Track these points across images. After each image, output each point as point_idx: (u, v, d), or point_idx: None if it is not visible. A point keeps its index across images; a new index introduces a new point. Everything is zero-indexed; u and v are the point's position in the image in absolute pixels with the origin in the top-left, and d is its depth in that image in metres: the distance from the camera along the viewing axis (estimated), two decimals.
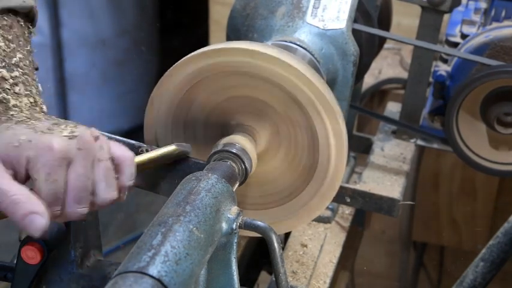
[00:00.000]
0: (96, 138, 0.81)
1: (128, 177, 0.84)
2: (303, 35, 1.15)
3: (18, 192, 0.76)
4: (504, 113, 1.28)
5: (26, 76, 0.89)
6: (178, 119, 1.00)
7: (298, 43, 1.12)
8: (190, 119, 1.01)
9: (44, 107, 0.89)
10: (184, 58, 0.95)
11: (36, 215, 0.75)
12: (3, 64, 0.87)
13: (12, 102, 0.85)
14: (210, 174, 0.83)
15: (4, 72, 0.87)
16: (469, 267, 0.76)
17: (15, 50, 0.90)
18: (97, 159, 0.81)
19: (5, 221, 0.82)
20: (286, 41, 1.13)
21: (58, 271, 0.96)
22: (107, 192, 0.81)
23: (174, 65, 0.95)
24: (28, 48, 0.93)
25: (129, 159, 0.85)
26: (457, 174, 1.89)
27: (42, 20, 2.88)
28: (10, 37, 0.91)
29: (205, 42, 2.60)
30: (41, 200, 0.76)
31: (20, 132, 0.79)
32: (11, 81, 0.87)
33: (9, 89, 0.86)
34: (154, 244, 0.68)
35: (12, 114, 0.84)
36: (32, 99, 0.88)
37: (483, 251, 0.75)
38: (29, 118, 0.83)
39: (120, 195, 0.84)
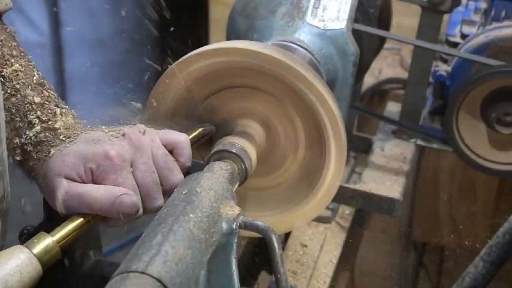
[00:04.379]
0: (144, 132, 0.84)
1: (187, 158, 0.88)
2: (303, 35, 1.15)
3: (98, 187, 0.80)
4: (504, 113, 1.28)
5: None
6: (178, 119, 1.00)
7: (298, 43, 1.12)
8: (190, 118, 1.01)
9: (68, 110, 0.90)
10: (184, 57, 0.95)
11: (124, 195, 0.79)
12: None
13: (58, 124, 0.86)
14: (210, 174, 0.83)
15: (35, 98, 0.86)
16: (469, 267, 0.75)
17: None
18: (153, 151, 0.83)
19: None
20: (286, 41, 1.13)
21: (58, 271, 0.96)
22: (173, 176, 0.85)
23: (174, 65, 0.95)
24: (22, 50, 0.91)
25: (184, 141, 0.88)
26: (457, 174, 1.89)
27: (42, 20, 2.88)
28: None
29: (205, 42, 2.59)
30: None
31: (76, 148, 0.82)
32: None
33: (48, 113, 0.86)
34: (154, 244, 0.67)
35: (59, 137, 0.85)
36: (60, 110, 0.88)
37: (483, 251, 0.75)
38: (75, 133, 0.86)
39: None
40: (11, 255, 0.71)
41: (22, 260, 0.71)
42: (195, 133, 0.96)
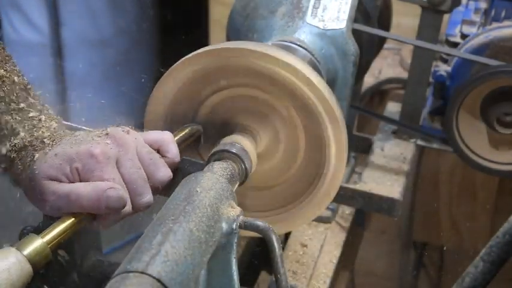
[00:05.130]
0: (128, 132, 0.85)
1: (174, 153, 0.88)
2: (303, 35, 1.15)
3: (85, 184, 0.80)
4: (504, 113, 1.28)
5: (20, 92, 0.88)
6: (178, 119, 1.00)
7: (298, 43, 1.12)
8: (191, 118, 1.01)
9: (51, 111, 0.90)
10: (185, 58, 0.95)
11: (111, 189, 0.79)
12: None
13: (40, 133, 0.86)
14: (210, 174, 0.83)
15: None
16: (469, 267, 0.76)
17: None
18: (138, 149, 0.84)
19: (4, 221, 0.82)
20: (286, 41, 1.13)
21: (58, 271, 0.96)
22: (159, 172, 0.85)
23: (175, 64, 0.95)
24: (7, 54, 0.90)
25: (168, 137, 0.89)
26: (457, 174, 1.89)
27: (42, 20, 2.88)
28: None
29: (205, 42, 2.60)
30: None
31: (61, 150, 0.82)
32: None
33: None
34: (154, 244, 0.67)
35: (43, 141, 0.85)
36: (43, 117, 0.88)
37: (483, 251, 0.75)
38: (58, 136, 0.86)
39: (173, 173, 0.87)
40: (1, 256, 0.71)
41: (11, 261, 0.72)
42: (182, 133, 0.96)
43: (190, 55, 0.95)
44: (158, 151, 0.87)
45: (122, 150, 0.83)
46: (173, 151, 0.89)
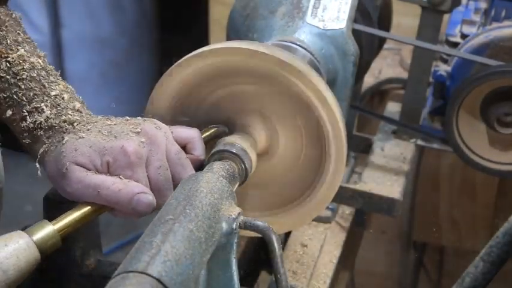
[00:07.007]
0: (159, 127, 0.86)
1: (201, 151, 0.90)
2: (303, 35, 1.15)
3: (116, 181, 0.80)
4: (504, 113, 1.28)
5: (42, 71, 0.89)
6: (178, 119, 1.00)
7: (298, 43, 1.12)
8: (190, 118, 1.00)
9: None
10: (184, 57, 0.95)
11: (142, 193, 0.80)
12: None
13: (69, 116, 0.86)
14: (210, 174, 0.83)
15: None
16: (469, 267, 0.76)
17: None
18: (167, 147, 0.85)
19: (4, 221, 0.82)
20: (286, 41, 1.13)
21: (58, 271, 0.96)
22: (185, 173, 0.86)
23: (174, 64, 0.95)
24: (27, 36, 0.91)
25: (197, 135, 0.90)
26: (457, 174, 1.89)
27: (42, 20, 2.89)
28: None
29: (205, 42, 2.59)
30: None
31: (94, 139, 0.82)
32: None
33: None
34: (154, 244, 0.68)
35: (73, 124, 0.86)
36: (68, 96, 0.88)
37: (483, 251, 0.75)
38: (88, 121, 0.86)
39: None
40: (10, 240, 0.72)
41: (20, 244, 0.72)
42: (208, 133, 0.96)
43: (190, 55, 0.95)
44: (185, 147, 0.88)
45: (153, 148, 0.83)
46: (200, 149, 0.90)
